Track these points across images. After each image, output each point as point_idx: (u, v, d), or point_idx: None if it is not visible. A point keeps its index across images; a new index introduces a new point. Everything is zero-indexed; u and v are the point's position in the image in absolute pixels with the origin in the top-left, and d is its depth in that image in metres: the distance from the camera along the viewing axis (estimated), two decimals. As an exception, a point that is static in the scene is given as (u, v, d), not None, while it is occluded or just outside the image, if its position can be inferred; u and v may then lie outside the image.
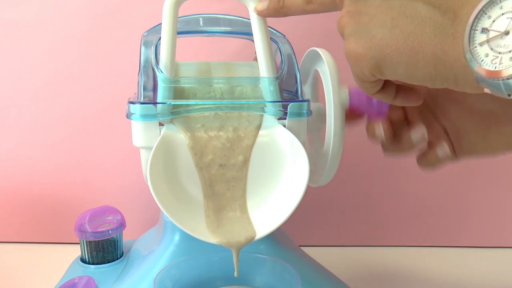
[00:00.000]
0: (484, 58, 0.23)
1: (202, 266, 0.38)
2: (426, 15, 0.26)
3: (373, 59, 0.29)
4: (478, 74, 0.24)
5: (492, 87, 0.24)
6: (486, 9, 0.24)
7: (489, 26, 0.24)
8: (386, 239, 0.62)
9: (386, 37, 0.28)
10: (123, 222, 0.50)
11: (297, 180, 0.35)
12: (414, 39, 0.27)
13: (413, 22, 0.27)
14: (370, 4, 0.29)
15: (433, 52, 0.26)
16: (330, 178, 0.42)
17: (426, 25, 0.26)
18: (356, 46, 0.29)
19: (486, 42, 0.24)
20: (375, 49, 0.28)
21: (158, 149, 0.35)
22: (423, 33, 0.26)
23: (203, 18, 0.43)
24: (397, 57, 0.27)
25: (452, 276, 0.53)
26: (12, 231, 0.61)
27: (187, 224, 0.34)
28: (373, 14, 0.28)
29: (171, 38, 0.37)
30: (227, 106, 0.38)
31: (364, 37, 0.29)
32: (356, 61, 0.30)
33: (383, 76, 0.30)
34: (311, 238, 0.61)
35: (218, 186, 0.36)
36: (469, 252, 0.60)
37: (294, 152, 0.36)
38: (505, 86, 0.23)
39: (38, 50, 0.57)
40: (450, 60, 0.26)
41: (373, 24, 0.28)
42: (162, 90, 0.37)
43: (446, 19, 0.26)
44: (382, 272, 0.54)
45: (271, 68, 0.38)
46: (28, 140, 0.59)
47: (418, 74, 0.28)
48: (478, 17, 0.24)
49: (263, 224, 0.35)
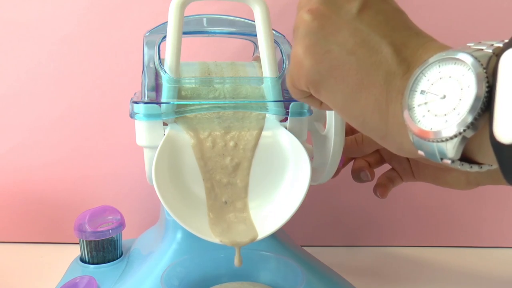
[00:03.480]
0: (421, 119, 0.23)
1: (207, 263, 0.38)
2: (385, 57, 0.25)
3: (317, 75, 0.27)
4: (414, 134, 0.23)
5: (426, 149, 0.23)
6: (425, 72, 0.23)
7: (428, 89, 0.23)
8: (386, 239, 0.62)
9: (340, 59, 0.26)
10: (123, 222, 0.50)
11: (299, 182, 0.36)
12: (365, 75, 0.25)
13: (371, 57, 0.25)
14: (342, 15, 0.27)
15: (376, 97, 0.25)
16: (330, 176, 0.43)
17: (381, 67, 0.25)
18: (306, 52, 0.27)
19: (424, 104, 0.23)
20: (324, 65, 0.26)
21: (163, 148, 0.36)
22: (376, 73, 0.25)
23: (205, 18, 0.43)
24: (341, 85, 0.26)
25: (452, 276, 0.54)
26: (12, 231, 0.60)
27: (190, 223, 0.34)
28: (339, 27, 0.26)
29: (176, 39, 0.37)
30: (230, 105, 0.38)
31: (318, 47, 0.26)
32: (298, 67, 0.28)
33: (317, 95, 0.28)
34: (312, 238, 0.61)
35: (221, 185, 0.37)
36: (469, 252, 0.60)
37: (296, 154, 0.37)
38: (438, 148, 0.22)
39: (38, 50, 0.56)
40: (389, 112, 0.25)
41: (334, 38, 0.26)
42: (166, 90, 0.37)
43: (400, 70, 0.25)
44: (382, 272, 0.54)
45: (274, 68, 0.39)
46: (28, 140, 0.58)
47: (353, 112, 0.26)
48: (418, 79, 0.24)
49: (265, 225, 0.35)
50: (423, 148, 0.23)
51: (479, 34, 0.56)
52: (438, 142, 0.22)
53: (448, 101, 0.22)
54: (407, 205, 0.61)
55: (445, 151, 0.22)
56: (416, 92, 0.24)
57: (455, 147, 0.22)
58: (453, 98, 0.22)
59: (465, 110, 0.21)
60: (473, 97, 0.21)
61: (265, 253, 0.38)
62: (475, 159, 0.23)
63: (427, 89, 0.23)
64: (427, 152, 0.23)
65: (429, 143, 0.22)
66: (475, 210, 0.61)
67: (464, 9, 0.55)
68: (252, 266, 0.37)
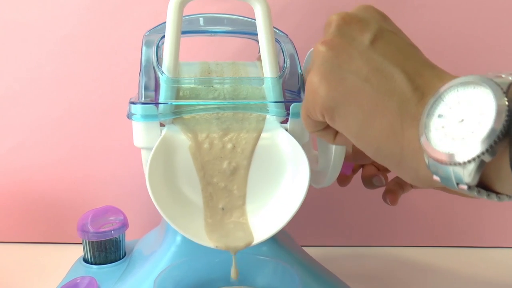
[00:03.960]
0: (438, 142, 0.23)
1: (204, 267, 0.37)
2: (399, 84, 0.25)
3: (332, 101, 0.27)
4: (430, 157, 0.23)
5: (442, 174, 0.22)
6: (443, 96, 0.23)
7: (446, 113, 0.23)
8: (386, 239, 0.61)
9: (355, 86, 0.26)
10: (126, 222, 0.50)
11: (297, 186, 0.35)
12: (380, 101, 0.26)
13: (385, 84, 0.26)
14: (355, 46, 0.27)
15: (391, 123, 0.25)
16: (333, 179, 0.42)
17: (395, 94, 0.25)
18: (321, 80, 0.28)
19: (442, 128, 0.23)
20: (339, 92, 0.27)
21: (158, 150, 0.35)
22: (390, 100, 0.25)
23: (205, 17, 0.42)
24: (356, 111, 0.26)
25: (452, 276, 0.53)
26: (12, 231, 0.61)
27: (184, 226, 0.33)
28: (353, 56, 0.27)
29: (175, 38, 0.36)
30: (229, 106, 0.38)
31: (333, 75, 0.27)
32: (313, 95, 0.28)
33: (332, 123, 0.28)
34: (312, 238, 0.61)
35: (218, 189, 0.36)
36: (469, 252, 0.60)
37: (295, 157, 0.36)
38: (454, 173, 0.22)
39: (38, 50, 0.56)
40: (404, 138, 0.25)
41: (349, 67, 0.27)
42: (163, 90, 0.37)
43: (414, 97, 0.25)
44: (381, 273, 0.54)
45: (274, 68, 0.38)
46: (28, 140, 0.59)
47: (368, 138, 0.26)
48: (436, 103, 0.23)
49: (262, 229, 0.35)
50: (439, 172, 0.23)
51: (479, 33, 0.55)
52: (455, 165, 0.21)
53: (466, 124, 0.22)
54: (407, 205, 0.60)
55: (461, 175, 0.21)
56: (434, 116, 0.23)
57: (472, 172, 0.21)
58: (472, 122, 0.22)
59: (484, 134, 0.21)
60: (492, 121, 0.21)
61: (261, 257, 0.37)
62: (493, 187, 0.22)
63: (445, 113, 0.23)
64: (442, 176, 0.23)
65: (445, 166, 0.22)
66: (475, 210, 0.60)
67: (464, 9, 0.55)
68: (249, 271, 0.37)
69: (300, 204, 0.34)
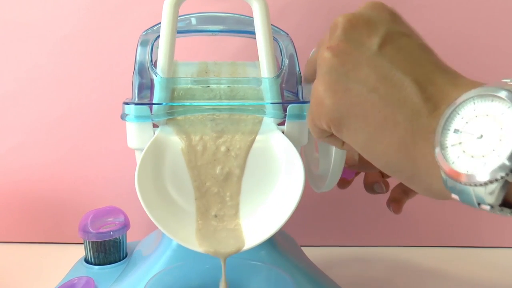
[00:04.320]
0: (455, 160, 0.21)
1: (196, 274, 0.37)
2: (409, 94, 0.24)
3: (338, 113, 0.26)
4: (447, 176, 0.21)
5: (461, 193, 0.21)
6: (459, 109, 0.22)
7: (462, 128, 0.21)
8: (386, 239, 0.61)
9: (362, 97, 0.25)
10: (127, 223, 0.49)
11: (291, 190, 0.34)
12: (389, 112, 0.24)
13: (394, 94, 0.24)
14: (363, 51, 0.26)
15: (401, 137, 0.24)
16: (333, 184, 0.41)
17: (406, 104, 0.24)
18: (326, 90, 0.26)
19: (459, 144, 0.21)
20: (345, 103, 0.25)
21: (149, 151, 0.34)
22: (400, 112, 0.24)
23: (203, 17, 0.41)
24: (363, 124, 0.25)
25: (452, 276, 0.53)
26: (12, 231, 0.61)
27: (174, 230, 0.33)
28: (360, 63, 0.25)
29: (170, 38, 0.36)
30: (225, 107, 0.37)
31: (339, 85, 0.26)
32: (319, 106, 0.27)
33: (339, 134, 0.27)
34: (312, 238, 0.60)
35: (210, 192, 0.35)
36: (469, 252, 0.59)
37: (289, 160, 0.35)
38: (475, 193, 0.20)
39: (38, 50, 0.56)
40: (416, 152, 0.23)
41: (355, 75, 0.25)
42: (157, 90, 0.36)
43: (426, 108, 0.23)
44: (381, 272, 0.54)
45: (272, 68, 0.37)
46: (28, 140, 0.59)
47: (376, 152, 0.25)
48: (451, 116, 0.22)
49: (254, 234, 0.34)
50: (457, 191, 0.21)
51: (480, 34, 0.55)
52: (476, 186, 0.20)
53: (485, 141, 0.20)
54: (407, 205, 0.59)
55: (483, 196, 0.20)
56: (449, 131, 0.22)
57: (495, 193, 0.20)
58: (492, 138, 0.20)
59: (506, 152, 0.19)
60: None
61: (255, 262, 0.36)
62: None
63: (462, 128, 0.21)
64: (462, 196, 0.21)
65: (465, 186, 0.21)
66: (475, 210, 0.58)
67: (464, 9, 0.54)
68: (242, 276, 0.36)
69: (293, 210, 0.33)
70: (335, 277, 0.44)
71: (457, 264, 0.56)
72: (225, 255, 0.33)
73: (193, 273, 0.36)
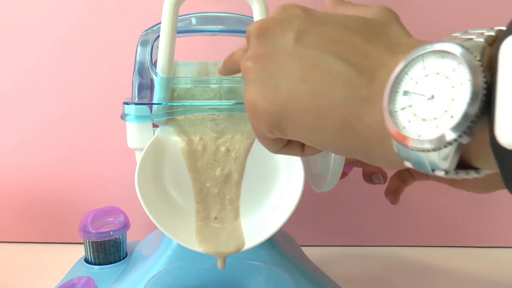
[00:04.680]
0: (406, 125, 0.19)
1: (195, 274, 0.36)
2: (340, 73, 0.22)
3: (273, 115, 0.24)
4: (399, 144, 0.20)
5: (414, 160, 0.19)
6: (407, 70, 0.20)
7: (412, 89, 0.20)
8: (386, 239, 0.61)
9: (292, 91, 0.23)
10: (127, 223, 0.49)
11: (291, 190, 0.34)
12: (322, 98, 0.22)
13: (324, 78, 0.23)
14: (281, 49, 0.24)
15: (343, 117, 0.22)
16: (333, 184, 0.40)
17: (338, 84, 0.22)
18: (256, 96, 0.25)
19: (409, 107, 0.20)
20: (277, 103, 0.24)
21: (149, 151, 0.34)
22: (334, 93, 0.22)
23: (204, 16, 0.42)
24: (301, 117, 0.23)
25: (452, 276, 0.53)
26: (12, 231, 0.61)
27: (174, 230, 0.33)
28: (281, 60, 0.24)
29: (170, 38, 0.36)
30: (225, 107, 0.37)
31: (267, 87, 0.24)
32: (254, 114, 0.25)
33: (284, 135, 0.25)
34: (312, 238, 0.60)
35: (211, 192, 0.35)
36: (469, 252, 0.59)
37: (289, 161, 0.35)
38: (428, 159, 0.19)
39: (38, 50, 0.57)
40: (363, 128, 0.22)
41: (279, 73, 0.24)
42: (157, 90, 0.36)
43: (362, 81, 0.22)
44: (382, 272, 0.54)
45: None
46: (28, 140, 0.59)
47: (324, 140, 0.23)
48: (399, 78, 0.20)
49: (253, 234, 0.34)
50: (411, 158, 0.20)
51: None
52: (429, 151, 0.19)
53: (437, 102, 0.19)
54: (407, 205, 0.59)
55: (437, 162, 0.19)
56: (398, 94, 0.20)
57: (449, 157, 0.18)
58: (444, 98, 0.19)
59: (459, 112, 0.18)
60: (468, 95, 0.17)
61: (254, 262, 0.36)
62: (471, 163, 0.19)
63: (411, 89, 0.20)
64: (415, 163, 0.20)
65: (417, 153, 0.19)
66: (476, 210, 0.60)
67: (464, 9, 0.54)
68: (242, 276, 0.36)
69: (293, 210, 0.33)
70: (335, 277, 0.44)
71: (456, 263, 0.56)
72: (224, 255, 0.33)
73: (193, 273, 0.36)
